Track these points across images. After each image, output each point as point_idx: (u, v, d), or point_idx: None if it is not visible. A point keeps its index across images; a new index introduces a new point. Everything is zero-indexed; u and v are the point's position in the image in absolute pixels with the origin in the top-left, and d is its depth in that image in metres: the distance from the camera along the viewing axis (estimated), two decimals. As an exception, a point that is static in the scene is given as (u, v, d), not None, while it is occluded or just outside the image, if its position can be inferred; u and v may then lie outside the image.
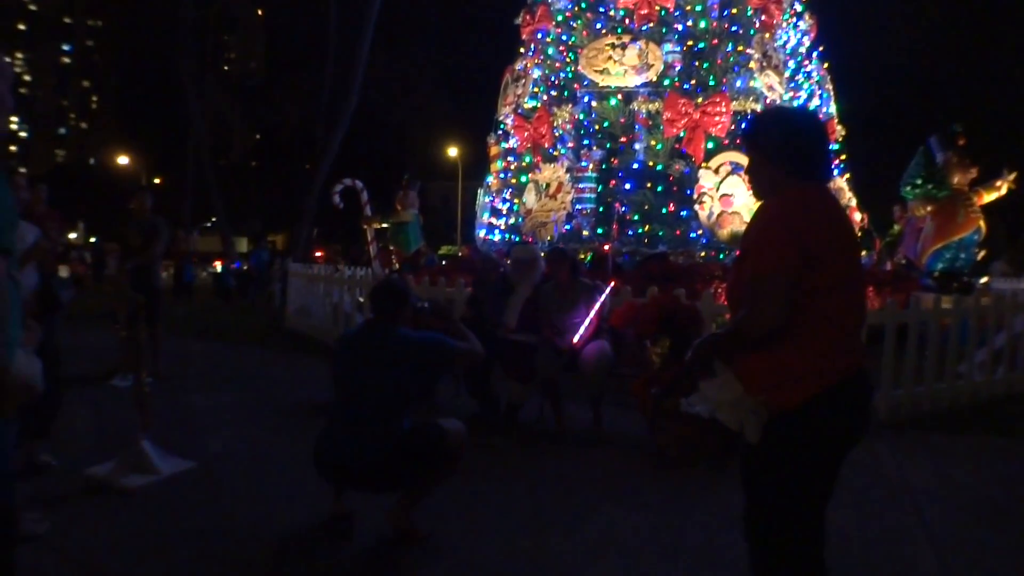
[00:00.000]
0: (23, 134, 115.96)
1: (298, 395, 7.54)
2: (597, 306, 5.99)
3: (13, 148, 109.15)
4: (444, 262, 15.94)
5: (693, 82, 12.05)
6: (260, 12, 42.10)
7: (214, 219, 40.51)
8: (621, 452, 5.56)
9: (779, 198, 2.37)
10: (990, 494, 4.85)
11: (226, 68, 44.52)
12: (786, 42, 13.22)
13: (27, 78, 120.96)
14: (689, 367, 2.48)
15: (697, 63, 12.22)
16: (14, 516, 2.47)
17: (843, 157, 13.81)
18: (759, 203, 2.48)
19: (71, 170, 71.31)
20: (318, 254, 27.65)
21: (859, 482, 4.98)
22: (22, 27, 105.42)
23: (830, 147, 2.54)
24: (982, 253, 12.82)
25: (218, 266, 27.95)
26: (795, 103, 13.01)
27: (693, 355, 2.43)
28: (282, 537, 3.93)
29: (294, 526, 4.07)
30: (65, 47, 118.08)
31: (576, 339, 5.90)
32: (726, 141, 11.36)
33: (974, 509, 4.56)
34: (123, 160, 42.24)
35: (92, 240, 51.68)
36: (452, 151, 38.04)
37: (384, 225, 16.89)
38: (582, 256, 10.59)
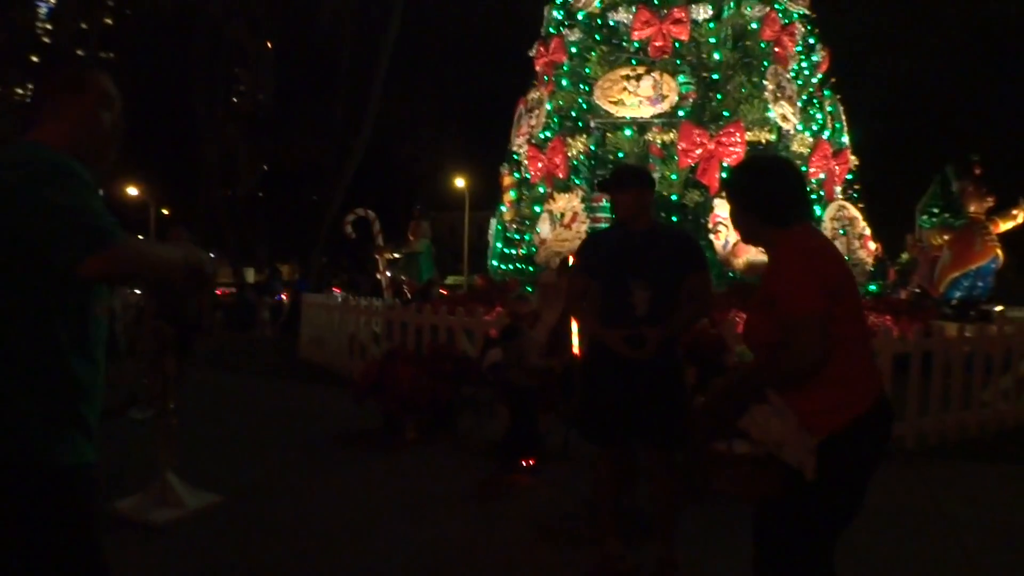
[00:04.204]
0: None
1: (316, 427, 7.48)
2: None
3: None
4: (445, 293, 15.58)
5: (707, 113, 12.09)
6: (269, 44, 42.31)
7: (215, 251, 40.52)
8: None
9: (788, 243, 2.44)
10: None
11: (235, 100, 44.67)
12: (799, 73, 13.28)
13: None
14: (722, 407, 2.48)
15: (711, 94, 12.27)
16: None
17: (856, 187, 13.79)
18: (761, 249, 2.59)
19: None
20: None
21: (893, 512, 4.92)
22: (35, 59, 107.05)
23: (803, 191, 2.62)
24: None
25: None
26: (807, 133, 13.04)
27: (724, 397, 2.47)
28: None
29: (329, 564, 4.01)
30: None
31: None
32: (741, 171, 11.34)
33: (1014, 538, 4.50)
34: (132, 191, 42.30)
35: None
36: (459, 182, 38.11)
37: (396, 255, 16.93)
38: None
